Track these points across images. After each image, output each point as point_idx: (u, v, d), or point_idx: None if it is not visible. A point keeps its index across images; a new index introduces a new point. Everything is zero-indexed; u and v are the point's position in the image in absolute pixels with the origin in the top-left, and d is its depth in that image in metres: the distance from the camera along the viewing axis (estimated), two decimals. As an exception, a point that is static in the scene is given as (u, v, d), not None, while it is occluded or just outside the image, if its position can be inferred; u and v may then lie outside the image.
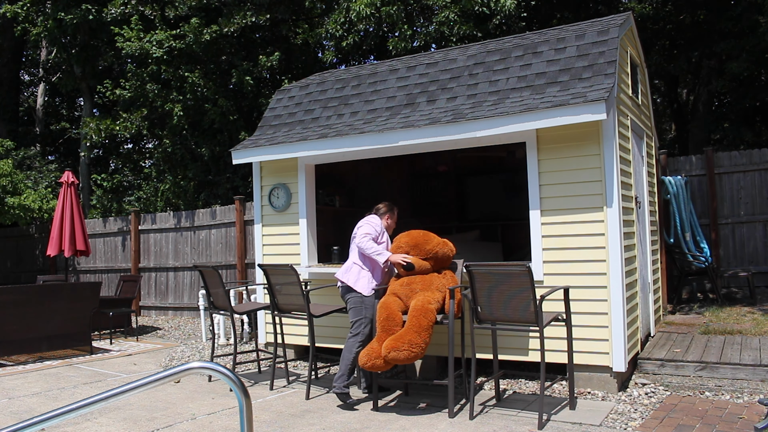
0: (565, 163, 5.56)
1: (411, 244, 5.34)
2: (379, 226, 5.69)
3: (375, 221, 5.72)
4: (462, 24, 11.32)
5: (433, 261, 5.31)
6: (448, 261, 5.43)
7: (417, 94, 6.58)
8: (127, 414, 5.30)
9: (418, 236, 5.35)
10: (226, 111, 13.01)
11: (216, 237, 11.61)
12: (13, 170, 13.19)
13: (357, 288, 5.53)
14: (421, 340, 4.79)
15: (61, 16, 14.00)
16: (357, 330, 5.44)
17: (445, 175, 10.12)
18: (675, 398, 5.20)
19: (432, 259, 5.30)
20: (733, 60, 11.83)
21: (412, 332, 4.80)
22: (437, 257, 5.31)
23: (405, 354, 4.74)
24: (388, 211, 5.88)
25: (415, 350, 4.75)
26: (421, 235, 5.36)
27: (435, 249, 5.30)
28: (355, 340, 5.40)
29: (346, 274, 5.62)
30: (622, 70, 6.07)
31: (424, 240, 5.33)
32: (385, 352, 4.77)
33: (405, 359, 4.77)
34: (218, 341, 8.62)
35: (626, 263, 5.54)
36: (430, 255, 5.29)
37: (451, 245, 5.43)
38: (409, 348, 4.74)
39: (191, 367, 2.46)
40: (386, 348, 4.78)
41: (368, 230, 5.58)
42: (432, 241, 5.32)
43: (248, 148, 7.15)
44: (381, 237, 5.65)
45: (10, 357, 7.98)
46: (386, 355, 4.78)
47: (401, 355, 4.74)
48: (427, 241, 5.32)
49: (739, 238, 8.90)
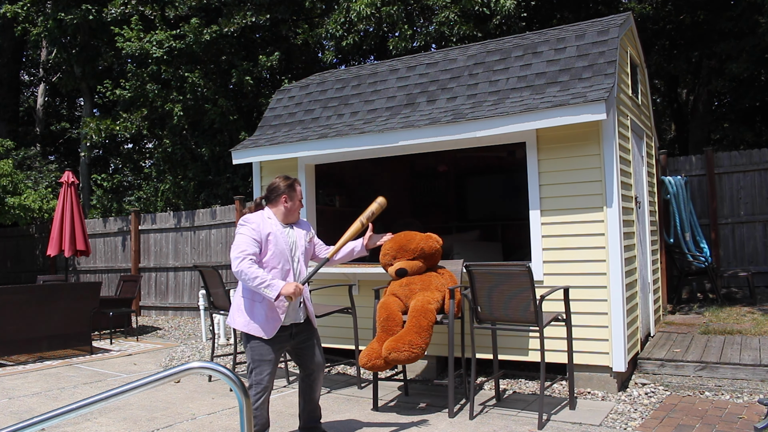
0: (565, 163, 5.56)
1: (395, 248, 5.30)
2: (256, 227, 3.99)
3: (253, 218, 4.06)
4: (462, 24, 11.32)
5: (423, 258, 5.27)
6: (438, 254, 5.37)
7: (417, 94, 6.58)
8: (127, 414, 5.30)
9: (400, 239, 5.31)
10: (226, 111, 13.01)
11: (216, 237, 11.61)
12: (14, 170, 13.20)
13: (240, 328, 4.04)
14: (421, 341, 4.77)
15: (61, 16, 14.01)
16: (249, 382, 4.01)
17: (445, 175, 10.12)
18: (675, 398, 5.20)
19: (421, 257, 5.27)
20: (733, 60, 11.83)
21: (413, 333, 4.79)
22: (425, 253, 5.28)
23: (406, 355, 4.71)
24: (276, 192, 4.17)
25: (415, 351, 4.74)
26: (402, 237, 5.33)
27: (420, 246, 5.25)
28: (251, 394, 3.94)
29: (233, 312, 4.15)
30: (622, 70, 6.07)
31: (406, 240, 5.30)
32: (386, 353, 4.74)
33: (406, 360, 4.74)
34: (218, 341, 8.62)
35: (626, 263, 5.54)
36: (417, 253, 5.27)
37: (436, 237, 5.36)
38: (410, 349, 4.72)
39: (191, 367, 2.47)
40: (387, 349, 4.75)
41: (241, 244, 3.92)
42: (415, 239, 5.28)
43: (248, 148, 7.15)
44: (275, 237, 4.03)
45: (10, 357, 7.98)
46: (387, 356, 4.74)
47: (402, 356, 4.71)
48: (410, 240, 5.30)
49: (738, 238, 8.91)
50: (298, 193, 4.22)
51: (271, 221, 4.10)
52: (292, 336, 4.11)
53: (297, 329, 4.13)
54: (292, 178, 4.25)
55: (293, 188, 4.19)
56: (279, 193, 4.16)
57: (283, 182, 4.19)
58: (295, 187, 4.21)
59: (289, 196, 4.17)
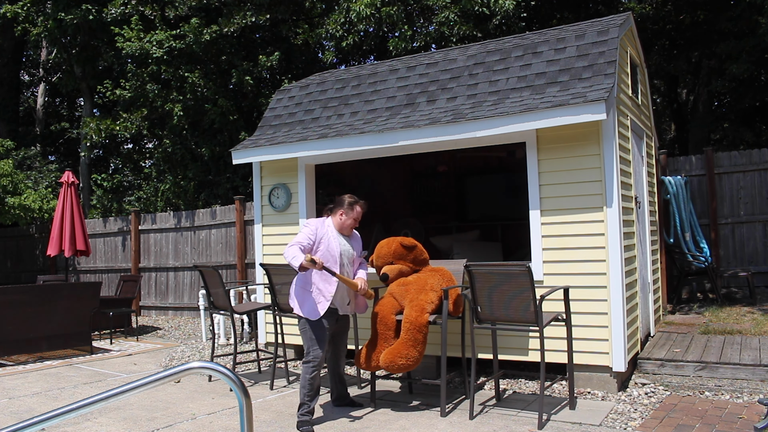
0: (565, 163, 5.56)
1: (377, 256, 5.48)
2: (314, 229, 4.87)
3: (314, 222, 4.98)
4: (462, 24, 11.33)
5: (403, 260, 5.38)
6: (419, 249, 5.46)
7: (417, 94, 6.58)
8: (127, 414, 5.30)
9: (380, 248, 5.47)
10: (226, 111, 13.01)
11: (216, 237, 11.62)
12: (14, 170, 13.20)
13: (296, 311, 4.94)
14: (416, 353, 4.96)
15: (61, 16, 14.01)
16: (307, 358, 4.84)
17: (445, 175, 10.12)
18: (675, 398, 5.20)
19: (400, 259, 5.38)
20: (733, 60, 11.84)
21: (408, 346, 4.95)
22: (404, 254, 5.38)
23: (403, 365, 4.93)
24: (339, 206, 5.00)
25: (410, 362, 4.94)
26: (383, 245, 5.46)
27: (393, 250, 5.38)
28: (306, 367, 4.81)
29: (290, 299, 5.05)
30: (622, 70, 6.07)
31: (379, 248, 5.47)
32: (383, 364, 4.98)
33: (404, 370, 4.97)
34: (218, 341, 8.62)
35: (626, 263, 5.54)
36: (396, 255, 5.38)
37: (398, 238, 5.47)
38: (406, 360, 4.93)
39: (191, 367, 2.47)
40: (383, 361, 4.97)
41: (298, 237, 4.83)
42: (392, 245, 5.41)
43: (248, 148, 7.15)
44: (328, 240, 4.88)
45: (10, 357, 7.98)
46: (385, 367, 4.99)
47: (398, 369, 4.95)
48: (381, 247, 5.46)
49: (738, 238, 8.91)
50: (355, 213, 4.99)
51: (329, 228, 4.95)
52: (336, 321, 4.97)
53: (341, 318, 5.06)
54: (357, 200, 5.02)
55: (352, 208, 4.98)
56: (340, 207, 4.98)
57: (347, 199, 4.99)
58: (355, 207, 4.99)
59: (346, 213, 4.97)
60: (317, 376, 4.78)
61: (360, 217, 5.05)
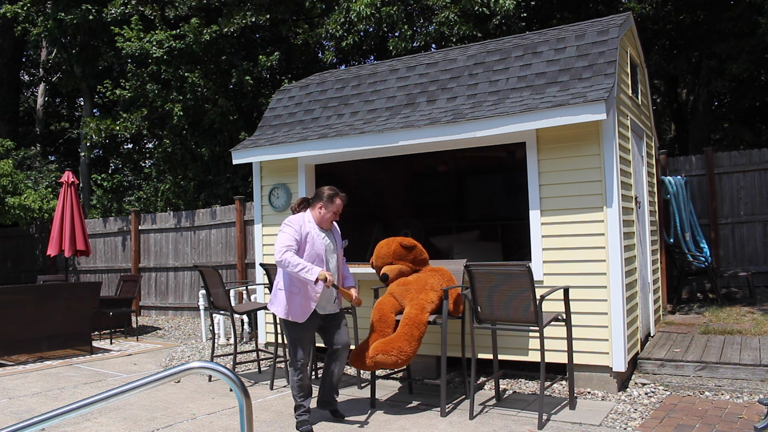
0: (565, 163, 5.57)
1: (375, 257, 5.49)
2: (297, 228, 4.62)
3: (295, 220, 4.66)
4: (462, 24, 11.33)
5: (402, 260, 5.38)
6: (419, 249, 5.47)
7: (417, 94, 6.58)
8: (127, 414, 5.30)
9: (379, 249, 5.48)
10: (226, 111, 13.01)
11: (216, 237, 11.62)
12: (14, 170, 13.20)
13: (280, 314, 4.71)
14: (410, 349, 4.91)
15: (61, 16, 14.01)
16: (291, 360, 4.74)
17: (445, 175, 10.11)
18: (675, 398, 5.20)
19: (400, 259, 5.38)
20: (733, 60, 11.84)
21: (404, 340, 4.90)
22: (404, 254, 5.38)
23: (393, 359, 4.84)
24: (317, 199, 4.75)
25: (403, 357, 4.87)
26: (382, 245, 5.48)
27: (393, 250, 5.39)
28: (292, 370, 4.74)
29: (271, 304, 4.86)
30: (622, 70, 6.07)
31: (379, 248, 5.48)
32: (373, 354, 4.87)
33: (392, 364, 4.87)
34: (218, 341, 8.63)
35: (626, 263, 5.54)
36: (396, 255, 5.38)
37: (410, 239, 5.49)
38: (398, 355, 4.86)
39: (191, 367, 2.47)
40: (375, 350, 4.88)
41: (284, 240, 4.53)
42: (391, 245, 5.42)
43: (248, 148, 7.15)
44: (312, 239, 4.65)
45: (10, 357, 7.98)
46: (374, 357, 4.87)
47: (389, 360, 4.85)
48: (386, 245, 5.46)
49: (738, 238, 8.91)
50: (335, 206, 4.73)
51: (310, 224, 4.69)
52: (322, 319, 4.79)
53: (328, 317, 4.83)
54: (336, 191, 4.75)
55: (332, 201, 4.72)
56: (319, 200, 4.73)
57: (327, 192, 4.74)
58: (335, 200, 4.73)
59: (326, 206, 4.71)
60: (305, 376, 4.72)
61: (340, 210, 4.79)
